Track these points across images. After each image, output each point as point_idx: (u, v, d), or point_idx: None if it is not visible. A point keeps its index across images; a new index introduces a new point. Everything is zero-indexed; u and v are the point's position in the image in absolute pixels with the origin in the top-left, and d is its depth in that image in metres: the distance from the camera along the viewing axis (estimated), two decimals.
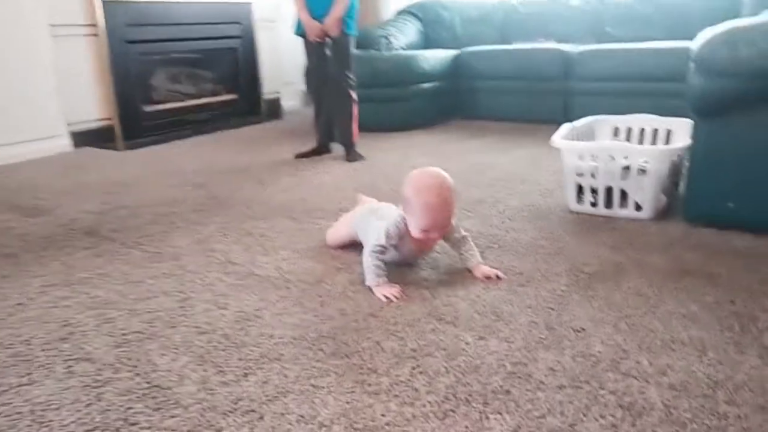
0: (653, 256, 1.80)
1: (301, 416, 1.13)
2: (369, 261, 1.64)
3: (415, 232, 1.63)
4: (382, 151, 3.49)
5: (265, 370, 1.29)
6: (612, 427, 1.06)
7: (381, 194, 2.55)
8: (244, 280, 1.75)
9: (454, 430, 1.08)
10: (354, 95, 3.30)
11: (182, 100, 4.46)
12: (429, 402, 1.16)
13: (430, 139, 3.76)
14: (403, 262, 1.78)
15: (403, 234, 1.67)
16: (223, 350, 1.37)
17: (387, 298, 1.57)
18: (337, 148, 3.44)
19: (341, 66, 3.22)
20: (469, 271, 1.73)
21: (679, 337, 1.35)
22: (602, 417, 1.09)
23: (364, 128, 4.09)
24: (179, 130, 4.23)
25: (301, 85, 3.12)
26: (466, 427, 1.08)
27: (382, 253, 1.66)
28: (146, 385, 1.24)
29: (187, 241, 2.11)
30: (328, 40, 3.16)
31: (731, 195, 1.88)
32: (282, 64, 5.08)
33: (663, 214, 2.13)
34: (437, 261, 1.84)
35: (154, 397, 1.20)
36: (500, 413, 1.11)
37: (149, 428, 1.11)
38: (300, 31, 3.18)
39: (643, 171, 2.03)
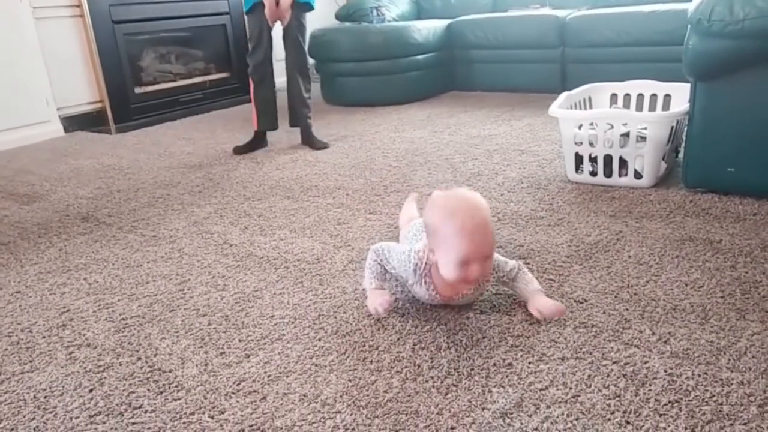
0: (654, 224, 1.79)
1: (304, 395, 1.13)
2: (371, 261, 1.42)
3: (450, 273, 1.22)
4: (376, 126, 3.45)
5: (266, 350, 1.28)
6: (615, 397, 1.06)
7: (381, 172, 2.54)
8: (243, 261, 1.74)
9: (457, 404, 1.08)
10: (309, 75, 3.05)
11: (173, 81, 4.40)
12: (431, 377, 1.16)
13: (425, 113, 3.72)
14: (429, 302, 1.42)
15: (412, 273, 1.33)
16: (224, 332, 1.37)
17: (376, 310, 1.35)
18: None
19: (299, 41, 2.96)
20: (523, 304, 1.38)
21: (681, 304, 1.34)
22: (605, 387, 1.09)
23: (356, 103, 4.07)
24: (171, 111, 4.18)
25: None
26: (469, 401, 1.08)
27: (382, 263, 1.40)
28: (148, 369, 1.24)
29: (184, 223, 2.09)
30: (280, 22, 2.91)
31: (731, 160, 1.86)
32: (274, 39, 4.99)
33: (663, 181, 2.12)
34: None
35: (156, 381, 1.20)
36: (503, 386, 1.11)
37: (152, 411, 1.11)
38: (249, 7, 2.89)
39: (642, 138, 2.00)
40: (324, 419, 1.06)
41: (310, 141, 3.04)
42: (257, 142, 3.08)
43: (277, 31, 2.95)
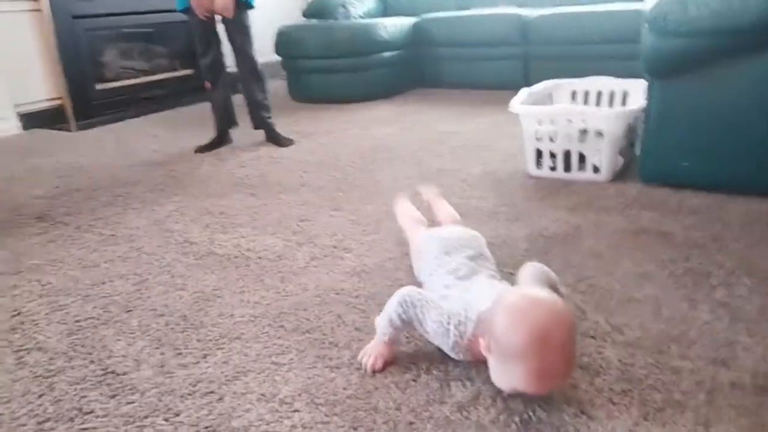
0: (611, 217, 1.82)
1: (262, 395, 1.12)
2: (392, 311, 1.15)
3: (503, 384, 1.02)
4: (342, 123, 3.44)
5: (224, 350, 1.27)
6: (571, 388, 1.08)
7: (346, 169, 2.53)
8: (203, 260, 1.72)
9: (416, 399, 1.08)
10: (262, 73, 2.95)
11: (136, 77, 4.31)
12: (390, 373, 1.16)
13: (392, 110, 3.72)
14: None
15: (455, 351, 1.12)
16: (182, 332, 1.35)
17: (369, 364, 1.17)
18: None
19: (244, 44, 2.84)
20: None
21: (635, 295, 1.37)
22: None
23: (323, 100, 4.05)
24: (134, 108, 4.09)
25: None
26: (428, 395, 1.09)
27: (405, 320, 1.15)
28: (101, 372, 1.21)
29: (144, 222, 2.05)
30: (217, 16, 2.77)
31: (685, 154, 1.91)
32: None
33: (620, 175, 2.16)
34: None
35: (109, 384, 1.17)
36: (461, 380, 1.12)
37: (105, 416, 1.09)
38: (184, 6, 2.73)
39: (600, 133, 2.04)
40: (282, 418, 1.05)
41: (274, 138, 3.01)
42: (220, 140, 3.04)
43: None
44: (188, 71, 4.56)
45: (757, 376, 1.07)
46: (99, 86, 4.02)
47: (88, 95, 3.91)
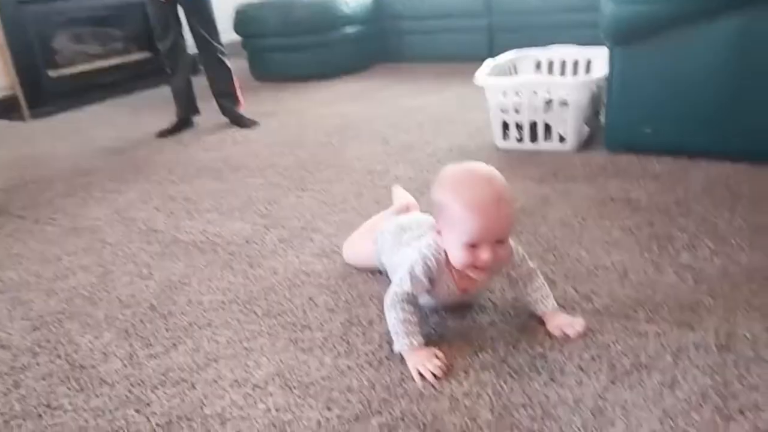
0: (577, 186, 1.83)
1: (235, 380, 1.11)
2: (393, 316, 1.12)
3: (458, 257, 1.06)
4: (306, 101, 3.39)
5: (194, 338, 1.25)
6: (541, 357, 1.09)
7: (312, 148, 2.49)
8: (169, 248, 1.68)
9: (389, 377, 1.08)
10: (226, 58, 2.90)
11: (90, 62, 4.17)
12: (364, 352, 1.15)
13: (357, 86, 3.68)
14: (443, 307, 1.26)
15: (437, 269, 1.12)
16: (150, 322, 1.32)
17: (422, 375, 1.06)
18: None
19: (206, 27, 2.77)
20: (539, 319, 1.19)
21: (603, 263, 1.39)
22: (532, 348, 1.11)
23: (286, 78, 3.98)
24: (91, 95, 3.96)
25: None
26: (401, 372, 1.09)
27: (411, 302, 1.13)
28: (68, 367, 1.18)
29: (106, 211, 2.00)
30: None
31: (648, 120, 1.93)
32: None
33: (586, 144, 2.17)
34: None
35: (77, 378, 1.15)
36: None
37: (73, 410, 1.06)
38: None
39: (564, 103, 2.05)
40: (255, 403, 1.04)
41: (238, 120, 2.95)
42: (181, 124, 2.97)
43: None
44: (146, 54, 4.43)
45: (720, 336, 1.09)
46: (52, 73, 3.87)
47: (40, 83, 3.76)
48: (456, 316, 1.24)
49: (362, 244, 1.46)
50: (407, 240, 1.26)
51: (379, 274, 1.42)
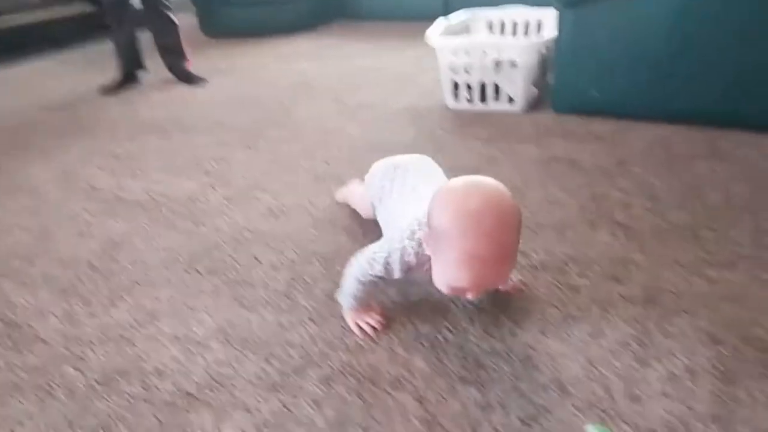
0: (524, 147, 1.86)
1: (175, 337, 1.11)
2: (351, 278, 1.07)
3: (440, 283, 0.94)
4: (260, 58, 3.31)
5: (135, 296, 1.24)
6: (476, 312, 1.12)
7: (264, 107, 2.45)
8: (111, 207, 1.65)
9: (331, 332, 1.10)
10: (172, 13, 2.80)
11: (30, 11, 3.95)
12: (307, 309, 1.17)
13: (312, 44, 3.61)
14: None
15: (415, 264, 1.01)
16: (89, 281, 1.30)
17: (360, 328, 1.09)
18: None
19: None
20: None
21: (543, 221, 1.43)
22: (468, 305, 1.15)
23: (239, 34, 3.87)
24: (31, 49, 3.78)
25: None
26: (343, 327, 1.11)
27: (373, 278, 1.05)
28: (2, 326, 1.16)
29: (46, 170, 1.93)
30: None
31: (594, 82, 1.96)
32: None
33: (535, 105, 2.20)
34: None
35: (11, 337, 1.13)
36: (374, 310, 1.14)
37: (8, 369, 1.05)
38: None
39: (513, 64, 2.06)
40: (195, 358, 1.05)
41: (186, 77, 2.87)
42: (126, 81, 2.86)
43: None
44: (89, 7, 4.22)
45: (646, 289, 1.15)
46: None
47: None
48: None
49: (354, 189, 1.47)
50: (407, 183, 1.17)
51: (324, 232, 1.43)
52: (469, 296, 0.92)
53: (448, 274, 0.90)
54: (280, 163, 1.87)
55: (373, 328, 1.08)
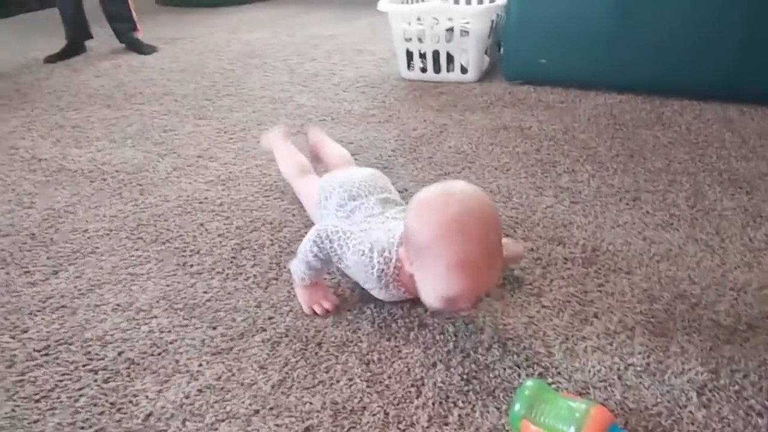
0: (475, 116, 1.88)
1: (118, 305, 1.09)
2: (309, 251, 1.00)
3: (430, 302, 0.90)
4: (211, 27, 3.23)
5: (77, 265, 1.21)
6: None
7: (215, 76, 2.40)
8: (53, 176, 1.60)
9: (276, 296, 1.10)
10: None
11: None
12: (253, 274, 1.16)
13: (265, 12, 3.53)
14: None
15: (383, 282, 0.99)
16: (29, 251, 1.27)
17: (312, 310, 1.05)
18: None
19: None
20: None
21: (490, 187, 1.45)
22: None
23: (190, 3, 3.76)
24: None
25: None
26: (289, 292, 1.11)
27: (324, 261, 1.02)
28: None
29: None
30: None
31: (543, 51, 1.98)
32: None
33: (487, 75, 2.21)
34: None
35: None
36: (325, 276, 1.14)
37: None
38: None
39: (465, 32, 2.06)
40: (138, 325, 1.04)
41: (135, 45, 2.78)
42: (72, 49, 2.75)
43: None
44: None
45: (587, 250, 1.18)
46: None
47: None
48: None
49: (303, 186, 1.33)
50: (362, 216, 1.10)
51: (272, 199, 1.42)
52: (463, 309, 0.90)
53: (439, 287, 0.87)
54: (229, 132, 1.84)
55: (326, 310, 1.04)
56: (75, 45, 2.76)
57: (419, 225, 0.87)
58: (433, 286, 0.88)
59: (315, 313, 1.04)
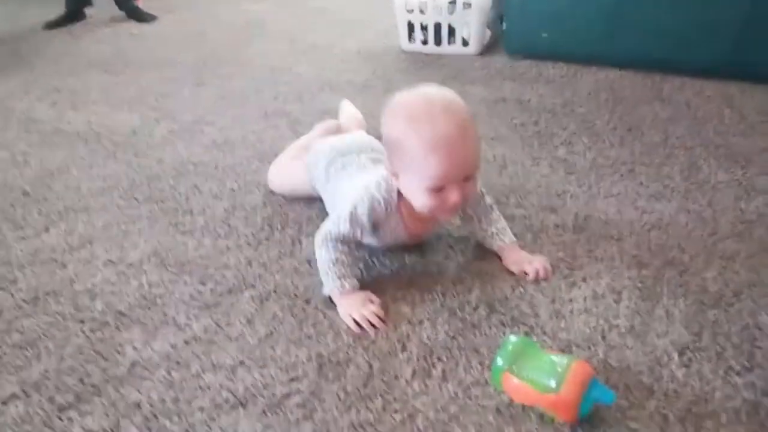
0: (475, 88, 1.86)
1: (109, 260, 1.10)
2: (324, 255, 0.97)
3: (422, 203, 0.92)
4: None
5: (69, 221, 1.22)
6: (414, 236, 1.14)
7: (214, 45, 2.38)
8: (49, 138, 1.60)
9: (267, 255, 1.10)
10: None
11: None
12: (245, 234, 1.17)
13: None
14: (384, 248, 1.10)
15: (385, 213, 0.99)
16: (21, 207, 1.27)
17: (358, 324, 0.92)
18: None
19: None
20: (497, 255, 1.07)
21: (487, 156, 1.44)
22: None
23: None
24: None
25: None
26: (279, 251, 1.11)
27: (345, 242, 0.98)
28: None
29: None
30: None
31: (545, 25, 1.96)
32: None
33: (488, 48, 2.19)
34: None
35: None
36: (309, 236, 1.14)
37: None
38: None
39: (468, 5, 2.04)
40: (128, 280, 1.04)
41: (135, 13, 2.76)
42: (72, 15, 2.74)
43: None
44: None
45: (578, 218, 1.18)
46: None
47: None
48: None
49: (292, 169, 1.28)
50: (353, 167, 1.10)
51: (267, 163, 1.41)
52: (452, 201, 0.89)
53: (423, 176, 0.88)
54: (227, 99, 1.83)
55: (372, 325, 0.92)
56: (75, 12, 2.74)
57: (392, 124, 0.91)
58: (418, 182, 0.89)
59: (362, 328, 0.92)
